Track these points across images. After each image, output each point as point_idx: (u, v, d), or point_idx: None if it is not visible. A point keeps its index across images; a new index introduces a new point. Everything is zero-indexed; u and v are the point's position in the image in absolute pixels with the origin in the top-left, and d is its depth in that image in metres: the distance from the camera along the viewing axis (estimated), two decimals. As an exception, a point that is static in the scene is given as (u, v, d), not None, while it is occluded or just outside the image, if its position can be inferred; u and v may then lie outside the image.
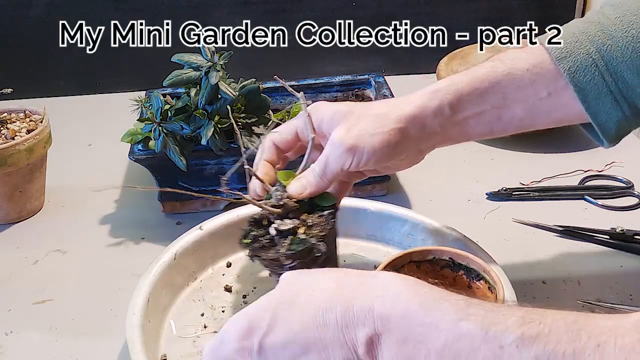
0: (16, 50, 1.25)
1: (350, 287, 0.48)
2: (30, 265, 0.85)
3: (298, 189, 0.67)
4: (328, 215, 0.67)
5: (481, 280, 0.65)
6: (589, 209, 0.91)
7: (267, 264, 0.66)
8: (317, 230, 0.65)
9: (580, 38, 0.65)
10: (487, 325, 0.43)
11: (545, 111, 0.66)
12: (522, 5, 1.30)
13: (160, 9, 1.23)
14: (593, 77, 0.63)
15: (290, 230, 0.65)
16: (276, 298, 0.51)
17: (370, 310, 0.46)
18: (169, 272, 0.74)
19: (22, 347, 0.72)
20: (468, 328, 0.43)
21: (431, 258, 0.67)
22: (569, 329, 0.41)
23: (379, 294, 0.47)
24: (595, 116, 0.65)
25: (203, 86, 0.83)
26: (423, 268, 0.67)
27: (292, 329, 0.48)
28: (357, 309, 0.47)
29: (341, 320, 0.47)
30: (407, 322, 0.45)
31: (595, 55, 0.64)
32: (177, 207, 0.92)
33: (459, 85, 0.66)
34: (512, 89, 0.66)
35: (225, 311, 0.73)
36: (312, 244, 0.64)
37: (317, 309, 0.48)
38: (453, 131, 0.68)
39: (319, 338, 0.47)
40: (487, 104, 0.66)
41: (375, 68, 1.27)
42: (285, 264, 0.64)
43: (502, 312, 0.43)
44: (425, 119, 0.66)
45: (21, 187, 0.91)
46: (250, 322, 0.50)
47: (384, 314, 0.46)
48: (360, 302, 0.47)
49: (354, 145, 0.64)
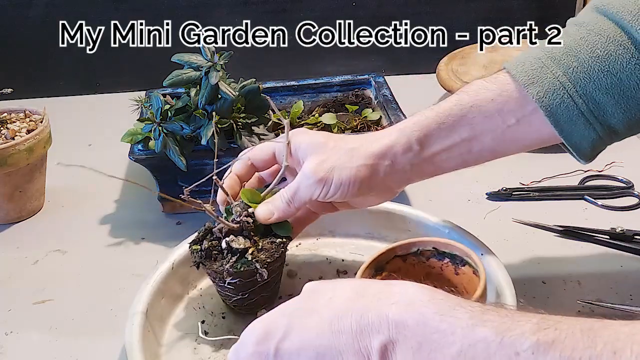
0: (16, 50, 1.25)
1: (367, 295, 0.48)
2: (30, 265, 0.85)
3: (265, 214, 0.69)
4: (279, 243, 0.70)
5: (465, 265, 0.65)
6: (589, 209, 0.91)
7: (211, 274, 0.69)
8: (265, 256, 0.68)
9: (546, 62, 0.65)
10: (503, 331, 0.42)
11: (515, 138, 0.67)
12: (522, 5, 1.30)
13: (160, 9, 1.23)
14: (563, 100, 0.63)
15: (240, 249, 0.67)
16: (294, 304, 0.52)
17: (385, 317, 0.46)
18: (168, 282, 0.73)
19: (22, 347, 0.72)
20: (483, 334, 0.43)
21: (415, 250, 0.67)
22: (585, 335, 0.41)
23: (395, 301, 0.47)
24: (569, 138, 0.65)
25: (203, 86, 0.83)
26: (409, 261, 0.67)
27: (308, 335, 0.48)
28: (372, 315, 0.47)
29: (356, 327, 0.47)
30: (422, 329, 0.45)
31: (563, 78, 0.63)
32: (177, 207, 0.92)
33: (425, 122, 0.67)
34: (479, 119, 0.66)
35: (225, 317, 0.73)
36: (256, 268, 0.67)
37: (332, 316, 0.48)
38: (426, 167, 0.68)
39: (334, 345, 0.47)
40: (456, 137, 0.66)
41: (375, 68, 1.27)
42: (227, 279, 0.67)
43: (518, 319, 0.43)
44: (395, 156, 0.66)
45: (21, 187, 0.91)
46: (267, 327, 0.51)
47: (399, 320, 0.46)
48: (375, 309, 0.47)
49: (324, 177, 0.66)
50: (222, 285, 0.69)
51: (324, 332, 0.48)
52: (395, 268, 0.67)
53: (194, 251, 0.70)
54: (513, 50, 1.19)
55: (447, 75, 1.13)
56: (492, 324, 0.43)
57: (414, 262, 0.67)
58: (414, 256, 0.67)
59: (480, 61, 1.16)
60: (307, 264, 0.80)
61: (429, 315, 0.45)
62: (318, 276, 0.79)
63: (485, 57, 1.18)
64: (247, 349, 0.51)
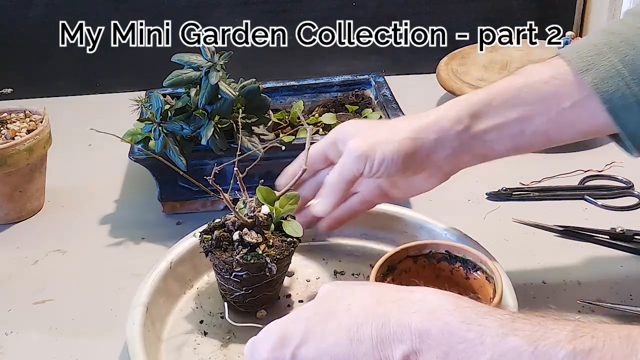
0: (16, 50, 1.25)
1: (387, 302, 0.47)
2: (30, 265, 0.85)
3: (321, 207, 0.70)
4: (290, 242, 0.71)
5: (478, 271, 0.65)
6: (589, 209, 0.91)
7: (218, 264, 0.69)
8: (275, 252, 0.69)
9: (602, 49, 0.63)
10: (536, 340, 0.41)
11: (569, 122, 0.64)
12: (522, 5, 1.30)
13: (160, 9, 1.23)
14: (619, 87, 0.61)
15: (252, 243, 0.68)
16: (312, 309, 0.50)
17: (407, 325, 0.45)
18: (166, 281, 0.73)
19: (22, 347, 0.72)
20: (515, 343, 0.41)
21: (427, 252, 0.67)
22: (623, 342, 0.40)
23: (417, 309, 0.46)
24: (625, 127, 0.62)
25: (203, 86, 0.83)
26: (420, 262, 0.67)
27: (326, 342, 0.47)
28: (394, 324, 0.45)
29: (376, 335, 0.45)
30: (448, 338, 0.43)
31: (619, 66, 0.62)
32: (177, 207, 0.92)
33: (475, 98, 0.65)
34: (532, 99, 0.64)
35: (224, 317, 0.73)
36: (266, 261, 0.68)
37: (351, 323, 0.47)
38: (476, 146, 0.66)
39: (353, 353, 0.46)
40: (508, 115, 0.64)
41: (375, 68, 1.27)
42: (236, 270, 0.68)
43: (551, 327, 0.42)
44: (442, 130, 0.65)
45: (21, 187, 0.91)
46: (283, 332, 0.49)
47: (422, 329, 0.44)
48: (396, 318, 0.46)
49: (366, 151, 0.65)
50: (228, 278, 0.69)
51: (343, 340, 0.46)
52: (406, 268, 0.67)
53: (205, 240, 0.70)
54: (513, 50, 1.19)
55: (447, 75, 1.13)
56: (523, 332, 0.42)
57: (424, 263, 0.68)
58: (425, 258, 0.67)
59: (480, 61, 1.16)
60: (303, 265, 0.80)
61: (454, 324, 0.44)
62: (315, 277, 0.79)
63: (485, 57, 1.18)
64: (261, 354, 0.50)
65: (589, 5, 1.34)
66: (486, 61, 1.16)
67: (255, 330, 0.54)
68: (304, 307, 0.51)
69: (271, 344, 0.49)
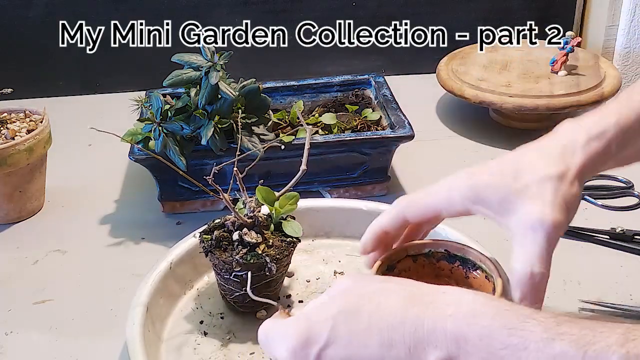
0: (16, 50, 1.25)
1: (419, 304, 0.45)
2: (30, 265, 0.85)
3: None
4: (290, 242, 0.71)
5: (477, 269, 0.65)
6: (589, 209, 0.91)
7: (218, 264, 0.70)
8: (274, 252, 0.69)
9: None
10: (585, 345, 0.39)
11: None
12: (522, 5, 1.30)
13: (160, 9, 1.23)
14: None
15: (252, 243, 0.69)
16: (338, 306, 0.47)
17: (442, 330, 0.43)
18: (166, 281, 0.73)
19: (22, 347, 0.72)
20: (562, 348, 0.39)
21: (427, 251, 0.66)
22: None
23: (452, 312, 0.43)
24: None
25: (203, 86, 0.83)
26: (420, 262, 0.67)
27: (354, 345, 0.45)
28: (427, 328, 0.43)
29: (409, 340, 0.43)
30: (488, 344, 0.41)
31: None
32: (177, 207, 0.93)
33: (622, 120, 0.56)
34: None
35: (224, 317, 0.73)
36: (265, 261, 0.68)
37: (382, 326, 0.45)
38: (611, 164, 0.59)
39: (382, 357, 0.44)
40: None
41: (375, 68, 1.27)
42: (235, 270, 0.68)
43: (600, 330, 0.39)
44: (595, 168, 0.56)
45: (21, 187, 0.91)
46: (308, 331, 0.46)
47: (459, 334, 0.42)
48: (430, 321, 0.43)
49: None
50: (227, 278, 0.69)
51: (373, 344, 0.44)
52: (406, 267, 0.66)
53: (204, 240, 0.71)
54: (513, 50, 1.19)
55: (447, 75, 1.14)
56: (570, 337, 0.39)
57: (424, 262, 0.67)
58: (425, 257, 0.67)
59: (480, 61, 1.16)
60: (304, 265, 0.80)
61: (494, 329, 0.41)
62: (315, 277, 0.79)
63: (485, 57, 1.18)
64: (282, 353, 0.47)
65: (589, 5, 1.34)
66: (486, 61, 1.16)
67: (256, 330, 0.53)
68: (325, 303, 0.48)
69: (293, 342, 0.47)
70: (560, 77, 1.09)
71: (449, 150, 1.07)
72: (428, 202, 0.58)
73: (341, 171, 0.93)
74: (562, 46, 1.10)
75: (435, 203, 0.58)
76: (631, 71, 1.32)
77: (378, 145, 0.91)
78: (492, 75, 1.11)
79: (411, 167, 1.00)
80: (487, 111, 1.15)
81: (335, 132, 0.95)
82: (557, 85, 1.07)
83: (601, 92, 1.06)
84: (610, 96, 1.07)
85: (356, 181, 0.94)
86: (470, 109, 1.15)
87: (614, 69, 1.13)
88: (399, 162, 0.99)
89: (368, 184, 0.94)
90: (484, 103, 1.07)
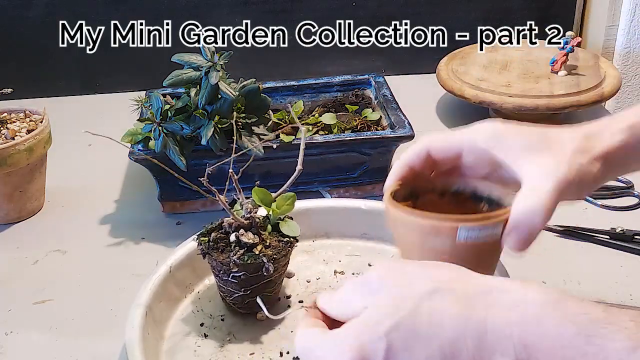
0: (16, 50, 1.25)
1: (476, 306, 0.42)
2: (30, 265, 0.85)
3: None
4: (287, 242, 0.71)
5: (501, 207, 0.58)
6: (589, 209, 0.90)
7: (215, 265, 0.70)
8: (272, 252, 0.69)
9: None
10: None
11: None
12: (522, 5, 1.30)
13: (160, 9, 1.23)
14: None
15: (249, 244, 0.69)
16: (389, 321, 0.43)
17: (509, 337, 0.40)
18: (166, 285, 0.73)
19: (22, 347, 0.72)
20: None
21: (455, 188, 0.62)
22: None
23: (517, 317, 0.41)
24: None
25: (203, 86, 0.83)
26: (446, 199, 0.63)
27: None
28: (492, 336, 0.41)
29: (472, 348, 0.41)
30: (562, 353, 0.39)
31: None
32: (177, 207, 0.93)
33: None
34: None
35: (224, 319, 0.73)
36: (262, 261, 0.68)
37: (442, 339, 0.42)
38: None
39: None
40: None
41: (375, 68, 1.27)
42: (233, 270, 0.68)
43: None
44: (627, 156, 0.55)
45: (21, 187, 0.91)
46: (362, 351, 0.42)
47: (528, 342, 0.40)
48: (494, 328, 0.41)
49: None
50: (226, 280, 0.69)
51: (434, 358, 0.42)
52: (430, 201, 0.62)
53: (202, 242, 0.71)
54: (513, 50, 1.19)
55: (447, 75, 1.14)
56: None
57: (450, 200, 0.62)
58: (452, 195, 0.62)
59: (480, 61, 1.16)
60: (304, 266, 0.80)
61: (568, 336, 0.39)
62: (315, 277, 0.79)
63: (485, 57, 1.18)
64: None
65: (589, 5, 1.34)
66: (486, 61, 1.16)
67: (256, 331, 0.53)
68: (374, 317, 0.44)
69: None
70: (560, 77, 1.09)
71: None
72: (452, 139, 0.58)
73: (341, 171, 0.93)
74: (562, 46, 1.10)
75: (459, 140, 0.57)
76: (631, 71, 1.32)
77: (378, 145, 0.91)
78: (492, 75, 1.11)
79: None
80: (487, 111, 1.15)
81: (335, 132, 0.95)
82: (557, 85, 1.07)
83: (601, 92, 1.06)
84: (610, 96, 1.07)
85: (356, 181, 0.94)
86: (470, 109, 1.15)
87: (614, 69, 1.13)
88: (399, 162, 0.99)
89: (368, 184, 0.94)
90: (484, 103, 1.07)
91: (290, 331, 0.71)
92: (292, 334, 0.71)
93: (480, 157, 0.57)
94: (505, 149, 0.55)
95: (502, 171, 0.56)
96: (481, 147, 0.56)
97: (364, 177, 0.93)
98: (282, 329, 0.72)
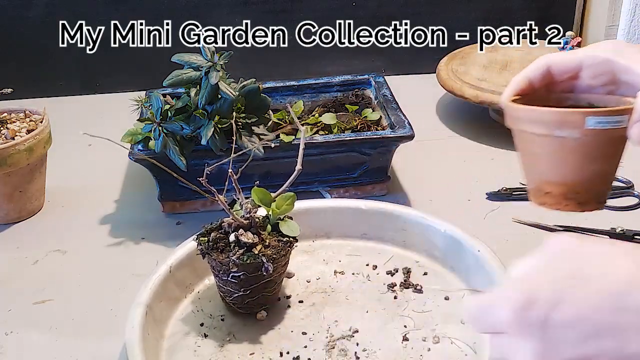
0: (16, 50, 1.25)
1: None
2: (30, 265, 0.85)
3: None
4: (286, 242, 0.71)
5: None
6: (589, 209, 0.90)
7: (215, 265, 0.70)
8: (271, 252, 0.69)
9: None
10: None
11: None
12: (522, 5, 1.30)
13: (160, 9, 1.23)
14: None
15: (249, 243, 0.69)
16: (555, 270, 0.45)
17: None
18: (166, 285, 0.74)
19: (22, 347, 0.72)
20: None
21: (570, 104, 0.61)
22: None
23: None
24: None
25: (203, 86, 0.83)
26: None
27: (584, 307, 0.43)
28: None
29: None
30: None
31: None
32: (177, 207, 0.93)
33: None
34: None
35: (224, 319, 0.73)
36: (262, 261, 0.68)
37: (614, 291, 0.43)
38: None
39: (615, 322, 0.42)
40: None
41: (375, 68, 1.27)
42: (232, 270, 0.68)
43: None
44: None
45: (21, 187, 0.91)
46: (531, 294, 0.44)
47: None
48: None
49: None
50: (225, 279, 0.69)
51: (604, 308, 0.43)
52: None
53: (201, 242, 0.71)
54: (513, 50, 1.19)
55: (447, 75, 1.14)
56: None
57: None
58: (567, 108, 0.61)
59: (480, 61, 1.16)
60: (304, 266, 0.80)
61: None
62: (315, 277, 0.79)
63: (485, 57, 1.18)
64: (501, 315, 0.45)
65: (589, 5, 1.34)
66: (486, 61, 1.16)
67: (256, 331, 0.53)
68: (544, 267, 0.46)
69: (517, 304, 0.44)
70: (560, 77, 1.09)
71: (449, 150, 1.07)
72: (572, 54, 0.61)
73: (341, 171, 0.93)
74: (562, 46, 1.10)
75: (580, 55, 0.60)
76: (631, 71, 1.32)
77: (378, 145, 0.91)
78: (492, 75, 1.11)
79: (411, 167, 1.00)
80: (487, 111, 1.15)
81: (335, 132, 0.95)
82: (557, 85, 1.07)
83: (601, 92, 1.06)
84: (610, 96, 1.07)
85: (356, 181, 0.94)
86: (470, 109, 1.15)
87: (614, 69, 1.13)
88: (399, 162, 0.99)
89: (368, 184, 0.94)
90: (484, 103, 1.07)
91: (290, 331, 0.71)
92: (292, 334, 0.71)
93: (600, 69, 0.59)
94: (627, 57, 0.58)
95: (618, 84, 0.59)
96: (603, 57, 0.59)
97: (364, 177, 0.94)
98: (282, 329, 0.72)
